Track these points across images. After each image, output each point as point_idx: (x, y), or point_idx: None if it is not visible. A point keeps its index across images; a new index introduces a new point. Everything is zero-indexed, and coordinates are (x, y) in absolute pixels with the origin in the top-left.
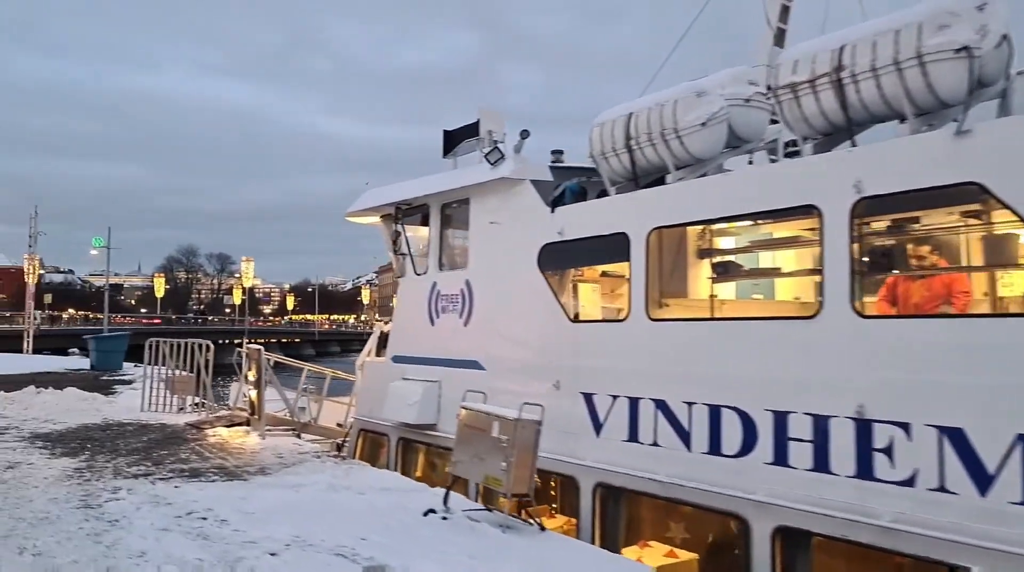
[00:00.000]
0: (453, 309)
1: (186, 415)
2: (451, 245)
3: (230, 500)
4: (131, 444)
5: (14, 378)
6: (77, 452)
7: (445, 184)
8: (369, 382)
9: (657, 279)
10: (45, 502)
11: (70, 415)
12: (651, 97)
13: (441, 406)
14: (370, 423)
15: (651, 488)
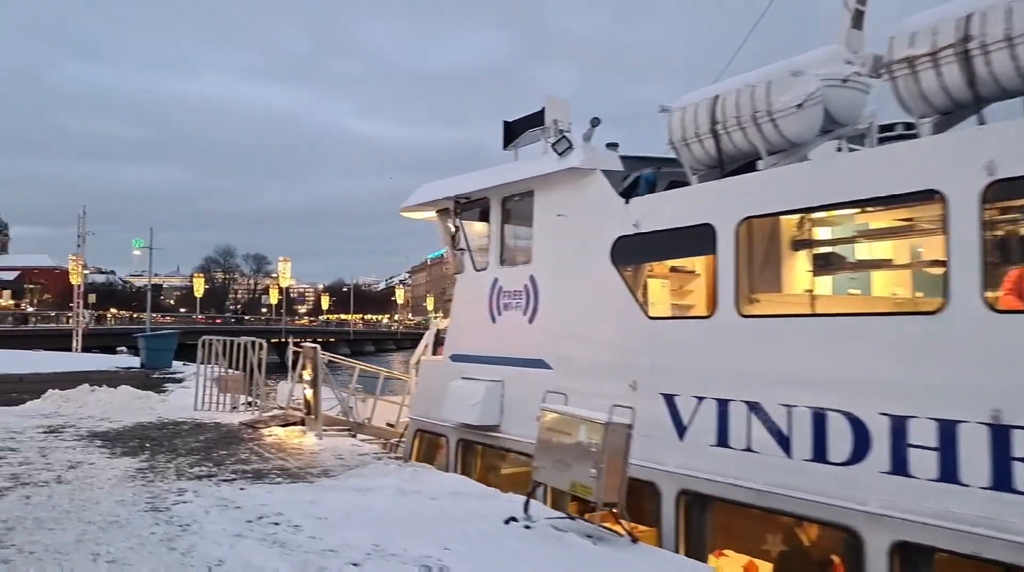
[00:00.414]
0: (516, 306)
1: (239, 414)
2: (513, 240)
3: (299, 504)
4: (189, 444)
5: (67, 376)
6: (136, 451)
7: (507, 176)
8: (426, 381)
9: (747, 273)
10: (112, 504)
11: (125, 413)
12: (738, 78)
13: (504, 407)
14: (427, 423)
15: (745, 496)
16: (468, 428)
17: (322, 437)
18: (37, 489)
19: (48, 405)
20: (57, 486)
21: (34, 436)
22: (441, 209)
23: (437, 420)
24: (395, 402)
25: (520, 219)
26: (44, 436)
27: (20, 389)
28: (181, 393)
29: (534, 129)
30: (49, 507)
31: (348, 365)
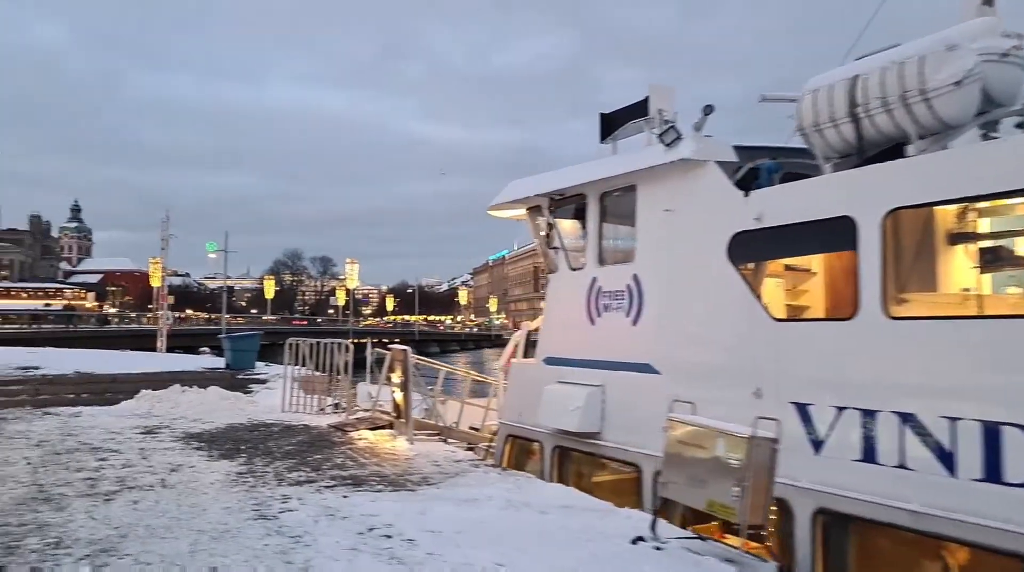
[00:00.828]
0: (618, 307)
1: (326, 416)
2: (612, 237)
3: (408, 515)
4: (282, 446)
5: (157, 376)
6: (233, 454)
7: (606, 171)
8: (517, 385)
9: (895, 270)
10: (220, 511)
11: (216, 414)
12: (881, 55)
13: (605, 413)
14: (520, 428)
15: (897, 518)
16: (565, 435)
17: (413, 442)
18: (143, 493)
19: (142, 405)
20: (162, 490)
21: (132, 437)
22: (532, 207)
23: (531, 425)
24: (480, 405)
25: (620, 216)
26: (142, 437)
27: (114, 389)
28: (266, 394)
29: (636, 120)
30: (158, 513)
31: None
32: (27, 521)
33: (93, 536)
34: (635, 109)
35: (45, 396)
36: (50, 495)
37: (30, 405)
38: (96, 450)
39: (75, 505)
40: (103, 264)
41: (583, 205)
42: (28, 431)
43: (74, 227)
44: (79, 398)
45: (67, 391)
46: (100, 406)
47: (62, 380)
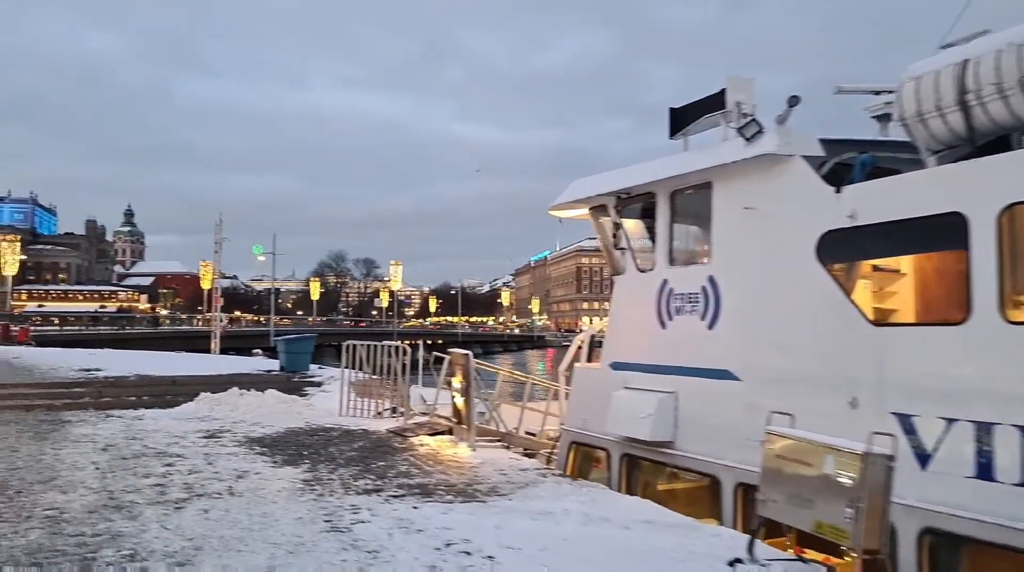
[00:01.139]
0: (692, 310)
1: (383, 420)
2: (685, 237)
3: (485, 529)
4: (344, 452)
5: (215, 379)
6: (296, 460)
7: (678, 167)
8: (582, 391)
9: (1012, 270)
10: (292, 522)
11: (274, 418)
12: (995, 37)
13: (678, 421)
14: (584, 435)
15: (1020, 541)
16: (635, 443)
17: (476, 448)
18: (213, 501)
19: (201, 408)
20: (231, 499)
21: (196, 441)
22: (596, 206)
23: (596, 433)
24: (538, 410)
25: (693, 214)
26: (205, 441)
27: (173, 391)
28: (322, 397)
29: (711, 114)
30: (230, 523)
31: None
32: (100, 531)
33: (168, 548)
34: (709, 102)
35: (107, 398)
36: (121, 502)
37: (93, 408)
38: (161, 455)
39: (147, 513)
40: (155, 267)
41: (651, 204)
42: (94, 434)
43: (127, 231)
44: (140, 400)
45: (128, 393)
46: (161, 409)
47: (123, 382)
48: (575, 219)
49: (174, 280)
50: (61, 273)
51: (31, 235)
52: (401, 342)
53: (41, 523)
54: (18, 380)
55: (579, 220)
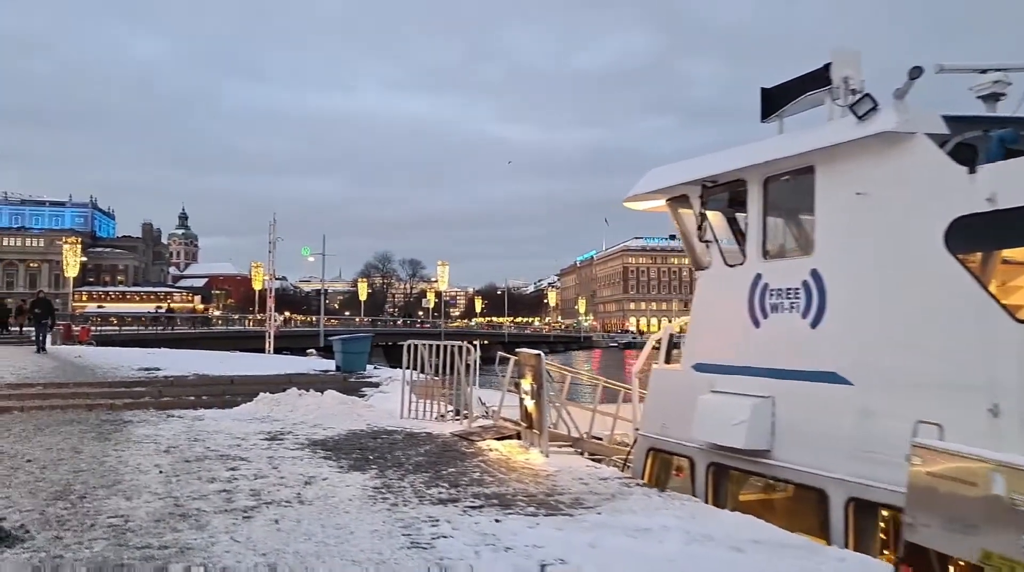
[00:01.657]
0: (791, 307)
1: (447, 423)
2: (782, 226)
3: (579, 548)
4: (411, 457)
5: (272, 379)
6: (362, 465)
7: (773, 152)
8: (661, 394)
9: None
10: (368, 536)
11: (335, 420)
12: None
13: (776, 428)
14: (663, 442)
15: None
16: (725, 451)
17: (548, 455)
18: (282, 510)
19: (260, 408)
20: (301, 507)
21: (258, 443)
22: (675, 197)
23: (678, 439)
24: (608, 414)
25: (790, 202)
26: (267, 444)
27: (232, 391)
28: (381, 398)
29: (812, 92)
30: (303, 536)
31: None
32: (168, 542)
33: (240, 564)
34: (810, 79)
35: (167, 398)
36: (187, 511)
37: (153, 407)
38: (224, 458)
39: (214, 523)
40: (207, 269)
41: (741, 193)
42: (156, 435)
43: (181, 234)
44: (199, 400)
45: (187, 393)
46: (220, 409)
47: (182, 382)
48: (651, 211)
49: (226, 281)
50: (119, 275)
51: (91, 238)
52: (465, 342)
53: (105, 532)
54: (80, 379)
55: (655, 212)
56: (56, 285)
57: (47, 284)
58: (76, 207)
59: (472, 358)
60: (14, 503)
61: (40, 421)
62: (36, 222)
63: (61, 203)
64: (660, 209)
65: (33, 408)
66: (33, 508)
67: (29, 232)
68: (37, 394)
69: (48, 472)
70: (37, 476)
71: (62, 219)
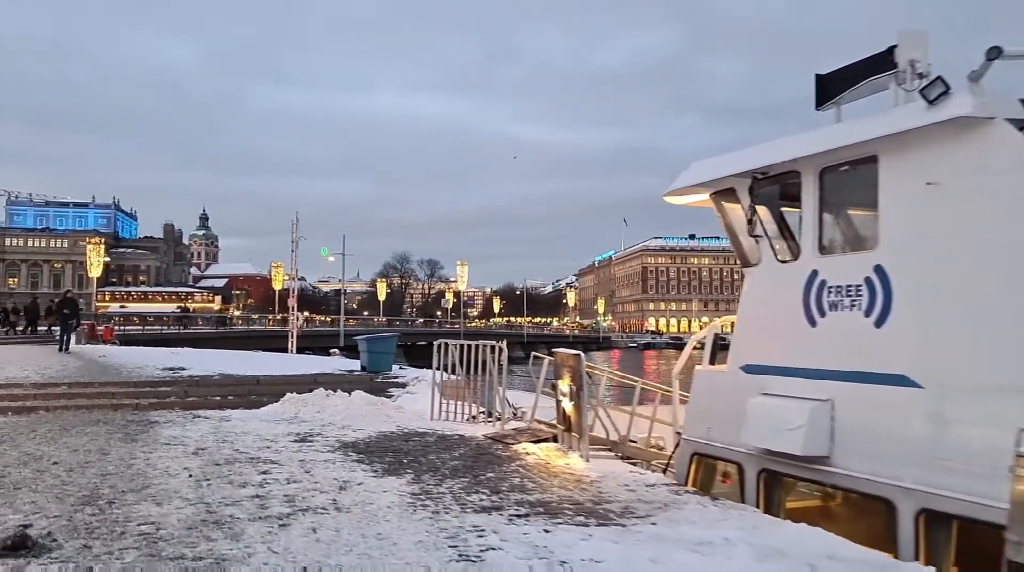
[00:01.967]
0: (852, 305)
1: (478, 425)
2: (841, 220)
3: (640, 564)
4: (446, 461)
5: (298, 379)
6: (397, 469)
7: (831, 140)
8: (706, 396)
9: None
10: (413, 547)
11: (364, 421)
12: None
13: (835, 433)
14: (709, 446)
15: None
16: (778, 457)
17: (589, 459)
18: (319, 518)
19: (287, 409)
20: (339, 515)
21: (288, 445)
22: (721, 190)
23: (726, 444)
24: (644, 416)
25: (848, 194)
26: (297, 446)
27: (257, 391)
28: (408, 399)
29: (876, 77)
30: (344, 547)
31: None
32: (202, 553)
33: None
34: (873, 63)
35: (193, 398)
36: (220, 517)
37: (179, 407)
38: (255, 461)
39: (249, 532)
40: (228, 269)
41: (793, 185)
42: (183, 437)
43: (202, 234)
44: (225, 400)
45: (213, 393)
46: (246, 409)
47: (207, 382)
48: (692, 206)
49: (246, 281)
50: (141, 275)
51: (113, 239)
52: (498, 342)
53: (136, 541)
54: (105, 378)
55: (695, 207)
56: (80, 285)
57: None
58: (99, 208)
59: (504, 358)
60: (41, 508)
61: (66, 421)
62: (60, 223)
63: (84, 204)
64: (702, 204)
65: (59, 408)
66: (60, 514)
67: (53, 233)
68: (63, 394)
69: (75, 475)
70: (64, 479)
71: (85, 220)
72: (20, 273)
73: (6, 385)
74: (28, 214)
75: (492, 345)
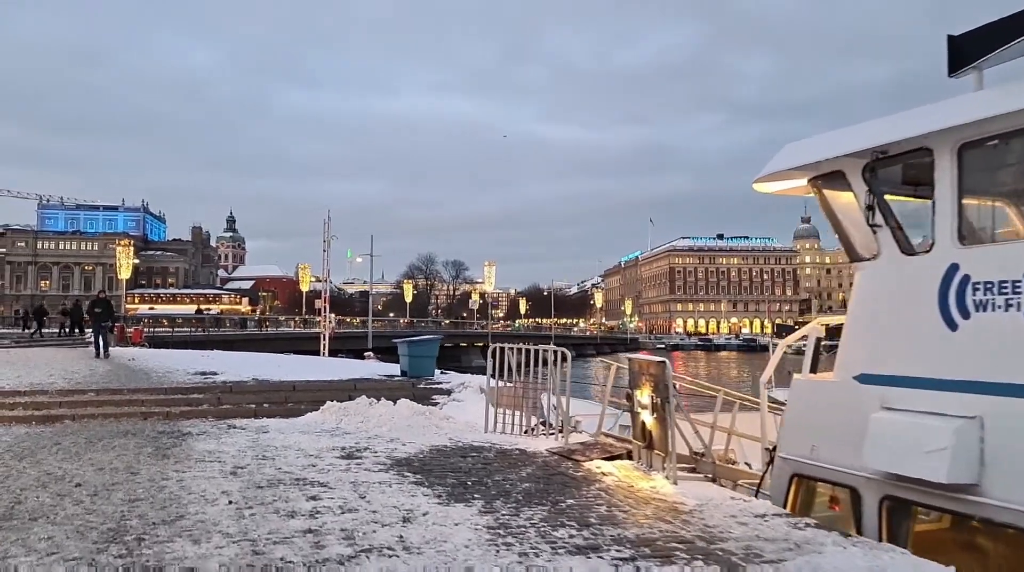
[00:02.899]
0: (1008, 305)
1: (538, 438)
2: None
3: None
4: (515, 483)
5: (336, 385)
6: (462, 493)
7: (972, 111)
8: (808, 410)
9: None
10: None
11: (413, 433)
12: None
13: (987, 458)
14: (815, 467)
15: None
16: (908, 483)
17: (677, 482)
18: (388, 562)
19: (328, 419)
20: (410, 557)
21: (335, 463)
22: (823, 174)
23: (837, 465)
24: (725, 429)
25: (993, 174)
26: (346, 463)
27: (295, 399)
28: (456, 408)
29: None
30: None
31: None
32: None
33: None
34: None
35: (227, 406)
36: (270, 560)
37: (212, 416)
38: (301, 482)
39: None
40: (254, 271)
41: (920, 165)
42: (218, 452)
43: (229, 237)
44: (260, 408)
45: (248, 400)
46: (284, 419)
47: (241, 388)
48: (783, 195)
49: (272, 283)
50: (170, 277)
51: (143, 241)
52: (559, 346)
53: None
54: (134, 385)
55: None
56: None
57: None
58: (128, 211)
59: (568, 365)
60: (59, 547)
61: (92, 432)
62: (90, 226)
63: (114, 207)
64: (796, 191)
65: (85, 416)
66: (81, 555)
67: (84, 236)
68: (90, 401)
69: (100, 501)
70: (87, 507)
71: (115, 223)
72: (51, 275)
73: (30, 392)
74: (59, 217)
75: (555, 350)
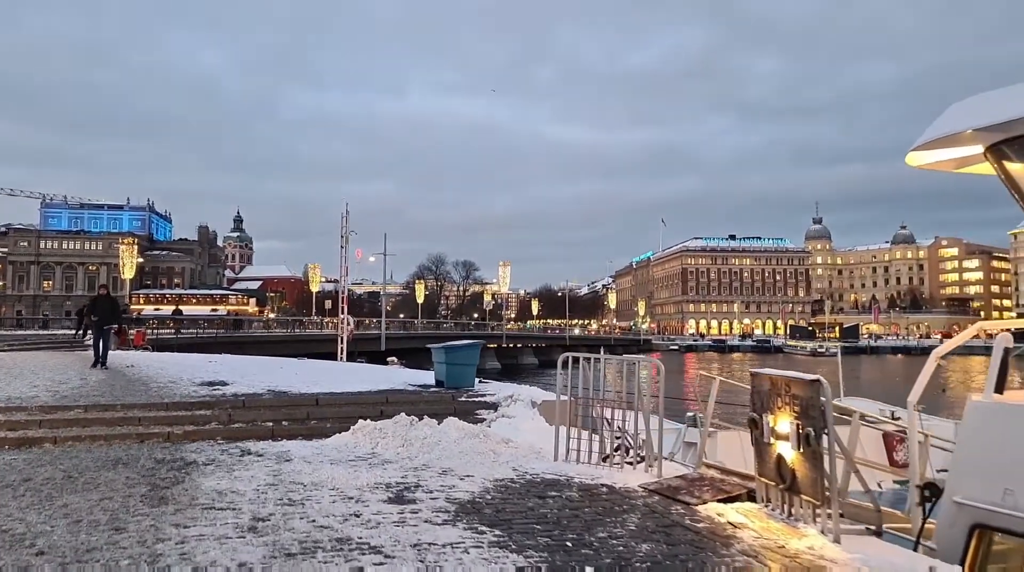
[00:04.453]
0: None
1: (624, 471)
2: None
3: None
4: (626, 542)
5: (365, 398)
6: (566, 562)
7: None
8: (994, 441)
9: None
10: None
11: (467, 461)
12: None
13: None
14: (1009, 518)
15: None
16: None
17: (839, 540)
18: None
19: (361, 441)
20: None
21: (383, 510)
22: (1009, 138)
23: None
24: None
25: None
26: (398, 512)
27: (318, 414)
28: (507, 426)
29: None
30: None
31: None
32: None
33: None
34: None
35: (239, 424)
36: None
37: (222, 437)
38: (344, 545)
39: None
40: (262, 271)
41: None
42: (231, 492)
43: (236, 237)
44: (279, 427)
45: (263, 417)
46: (307, 441)
47: (255, 402)
48: (938, 169)
49: (280, 284)
50: (176, 277)
51: (148, 241)
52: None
53: None
54: (131, 399)
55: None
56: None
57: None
58: (134, 210)
59: (662, 379)
60: None
61: (75, 461)
62: (95, 225)
63: (119, 206)
64: (963, 164)
65: (69, 439)
66: None
67: (88, 235)
68: (76, 420)
69: None
70: None
71: (120, 222)
72: (54, 276)
73: (5, 408)
74: (63, 216)
75: (639, 360)
